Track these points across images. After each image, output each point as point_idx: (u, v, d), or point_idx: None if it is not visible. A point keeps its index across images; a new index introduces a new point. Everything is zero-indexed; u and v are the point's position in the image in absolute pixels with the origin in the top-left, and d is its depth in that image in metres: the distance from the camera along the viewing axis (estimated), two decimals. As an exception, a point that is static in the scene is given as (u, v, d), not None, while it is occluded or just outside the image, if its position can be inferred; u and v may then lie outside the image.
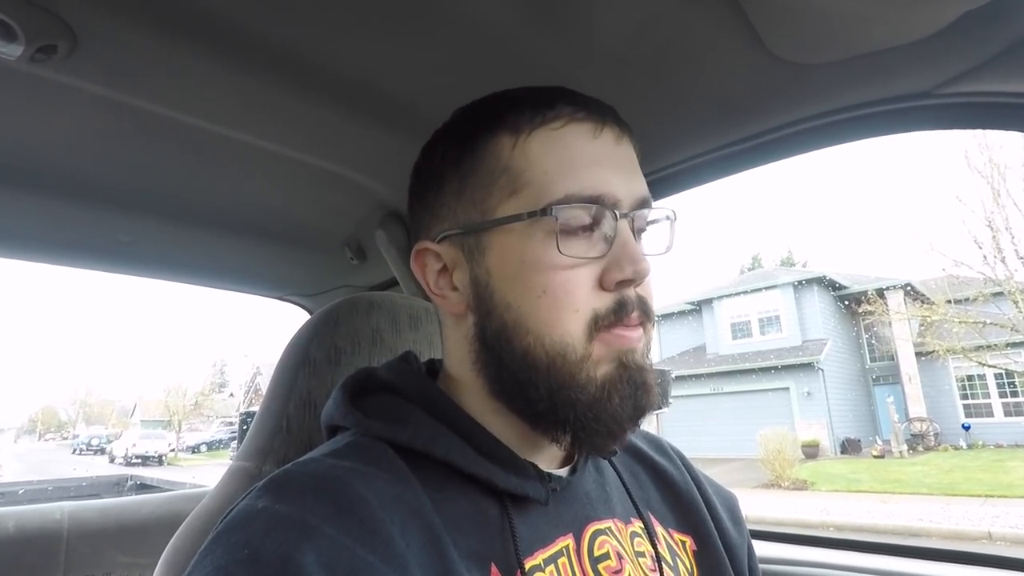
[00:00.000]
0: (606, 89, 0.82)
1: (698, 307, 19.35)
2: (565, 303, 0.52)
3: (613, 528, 0.59)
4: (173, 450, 27.42)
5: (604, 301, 0.53)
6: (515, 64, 0.81)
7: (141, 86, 0.85)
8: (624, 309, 0.53)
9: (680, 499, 0.69)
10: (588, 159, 0.55)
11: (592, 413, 0.52)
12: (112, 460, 24.94)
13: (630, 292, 0.54)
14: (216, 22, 0.74)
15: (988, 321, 12.80)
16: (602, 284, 0.53)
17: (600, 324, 0.52)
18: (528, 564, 0.51)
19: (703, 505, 0.70)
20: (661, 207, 0.61)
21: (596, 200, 0.53)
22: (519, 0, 0.71)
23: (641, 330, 0.55)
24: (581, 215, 0.53)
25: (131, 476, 6.20)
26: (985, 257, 12.68)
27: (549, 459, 0.59)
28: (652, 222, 0.61)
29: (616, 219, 0.54)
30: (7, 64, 0.74)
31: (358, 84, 0.88)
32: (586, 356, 0.52)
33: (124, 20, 0.72)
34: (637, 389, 0.53)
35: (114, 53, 0.77)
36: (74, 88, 0.82)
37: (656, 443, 0.77)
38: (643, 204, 0.57)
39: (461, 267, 0.57)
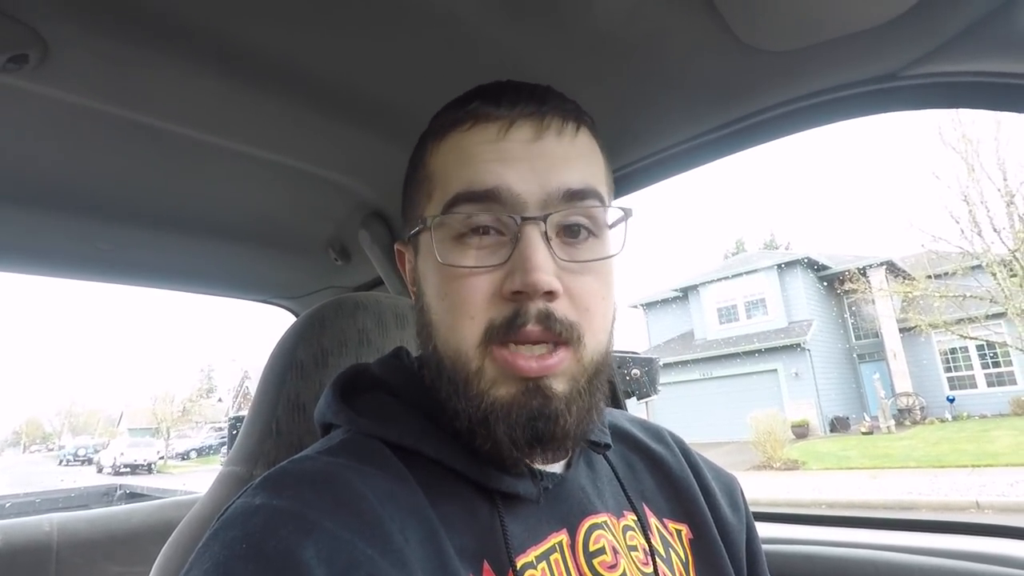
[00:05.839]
0: (579, 85, 0.82)
1: (684, 294, 19.45)
2: (461, 310, 0.51)
3: (608, 522, 0.59)
4: (162, 457, 27.16)
5: (501, 311, 0.50)
6: (490, 61, 0.82)
7: (115, 93, 0.84)
8: (515, 321, 0.49)
9: (676, 487, 0.68)
10: (487, 157, 0.53)
11: (480, 430, 0.51)
12: (100, 470, 24.57)
13: (531, 304, 0.49)
14: (188, 27, 0.73)
15: (968, 294, 13.00)
16: (501, 292, 0.50)
17: (494, 335, 0.50)
18: (520, 562, 0.50)
19: (699, 492, 0.68)
20: (615, 205, 0.57)
21: (487, 196, 0.51)
22: None
23: (552, 355, 0.50)
24: (474, 217, 0.52)
25: (120, 485, 6.13)
26: (962, 231, 12.87)
27: (542, 456, 0.57)
28: (615, 223, 0.57)
29: (518, 222, 0.51)
30: (-24, 76, 0.73)
31: (334, 85, 0.87)
32: (480, 369, 0.50)
33: (95, 27, 0.72)
34: (536, 419, 0.49)
35: (87, 61, 0.77)
36: (47, 97, 0.82)
37: (654, 431, 0.75)
38: (569, 198, 0.52)
39: (414, 267, 0.61)
